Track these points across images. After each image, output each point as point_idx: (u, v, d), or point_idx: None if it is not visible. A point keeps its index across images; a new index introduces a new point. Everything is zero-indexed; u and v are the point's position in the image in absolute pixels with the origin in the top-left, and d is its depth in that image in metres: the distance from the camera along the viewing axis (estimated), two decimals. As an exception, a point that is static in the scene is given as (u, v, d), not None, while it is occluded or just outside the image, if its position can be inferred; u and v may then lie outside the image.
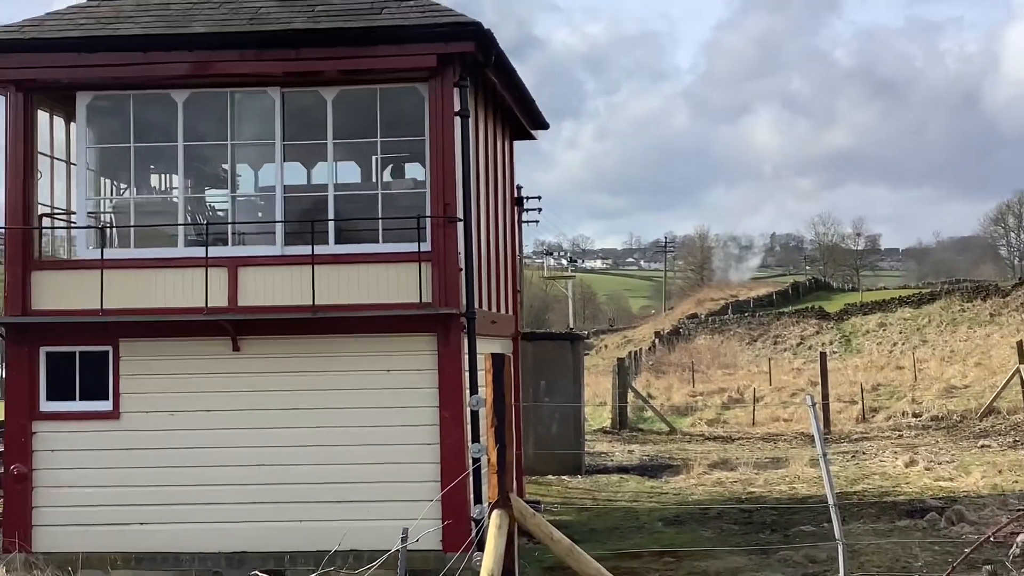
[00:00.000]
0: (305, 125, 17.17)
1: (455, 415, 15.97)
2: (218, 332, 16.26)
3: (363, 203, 17.28)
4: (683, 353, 71.92)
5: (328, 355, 16.34)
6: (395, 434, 16.09)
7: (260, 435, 16.26)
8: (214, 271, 16.31)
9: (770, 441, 36.60)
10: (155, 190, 18.91)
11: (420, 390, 16.13)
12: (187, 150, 17.03)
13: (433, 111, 16.24)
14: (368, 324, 16.15)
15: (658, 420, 42.45)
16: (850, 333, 75.78)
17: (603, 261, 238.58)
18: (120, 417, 16.48)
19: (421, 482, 15.89)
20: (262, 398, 16.32)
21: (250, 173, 19.01)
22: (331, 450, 16.16)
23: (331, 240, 16.52)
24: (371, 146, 17.40)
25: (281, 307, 16.22)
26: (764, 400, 47.70)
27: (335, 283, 16.25)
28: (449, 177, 16.17)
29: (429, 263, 16.06)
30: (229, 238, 17.06)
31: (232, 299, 16.37)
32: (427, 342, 16.16)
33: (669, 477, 27.51)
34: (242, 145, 17.37)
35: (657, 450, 34.19)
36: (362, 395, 16.22)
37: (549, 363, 28.14)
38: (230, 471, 16.24)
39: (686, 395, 51.10)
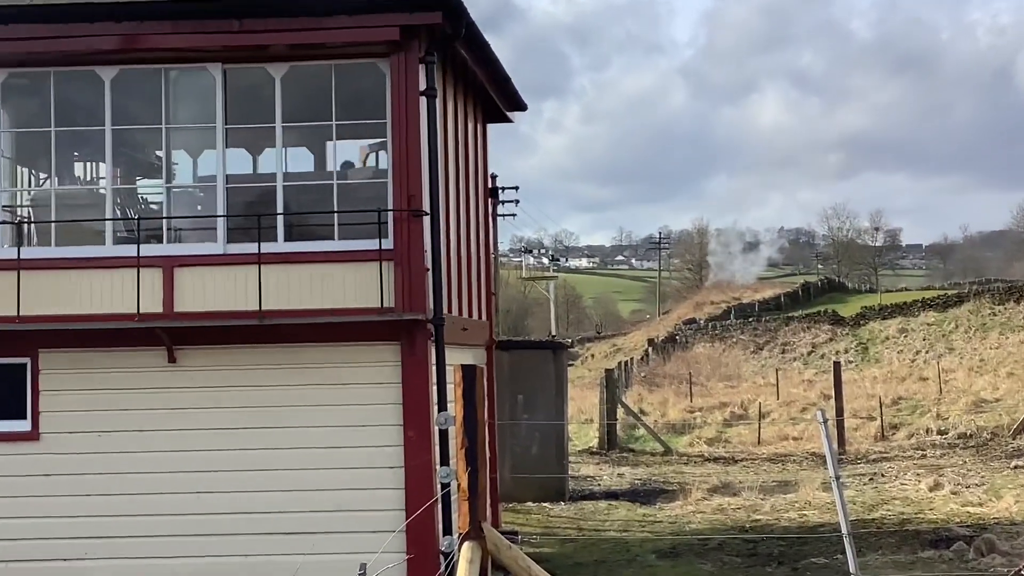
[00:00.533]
0: (250, 106, 17.10)
1: (421, 435, 15.95)
2: (152, 342, 16.19)
3: (316, 195, 17.22)
4: (680, 363, 72.07)
5: (277, 368, 16.28)
6: (353, 457, 16.05)
7: (200, 459, 16.19)
8: (147, 272, 16.24)
9: (777, 462, 36.71)
10: (80, 180, 18.81)
11: (381, 407, 16.08)
12: (116, 135, 16.95)
13: (395, 90, 16.22)
14: (322, 332, 16.10)
15: (651, 439, 42.51)
16: (867, 340, 76.11)
17: (589, 260, 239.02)
18: (40, 439, 16.38)
19: (383, 511, 15.83)
20: (202, 417, 16.25)
21: (188, 161, 18.95)
22: (281, 475, 16.10)
23: (280, 237, 16.47)
24: (325, 130, 17.35)
25: (223, 313, 16.15)
26: (771, 416, 47.85)
27: (285, 286, 16.20)
28: (414, 165, 16.13)
29: (391, 262, 16.03)
30: (164, 235, 16.98)
31: (168, 304, 16.30)
32: (389, 352, 16.12)
33: (664, 503, 27.55)
34: (179, 129, 17.29)
35: (650, 473, 34.24)
36: (316, 413, 16.17)
37: (528, 375, 28.13)
38: (166, 500, 16.15)
39: (683, 411, 51.20)
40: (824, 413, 12.74)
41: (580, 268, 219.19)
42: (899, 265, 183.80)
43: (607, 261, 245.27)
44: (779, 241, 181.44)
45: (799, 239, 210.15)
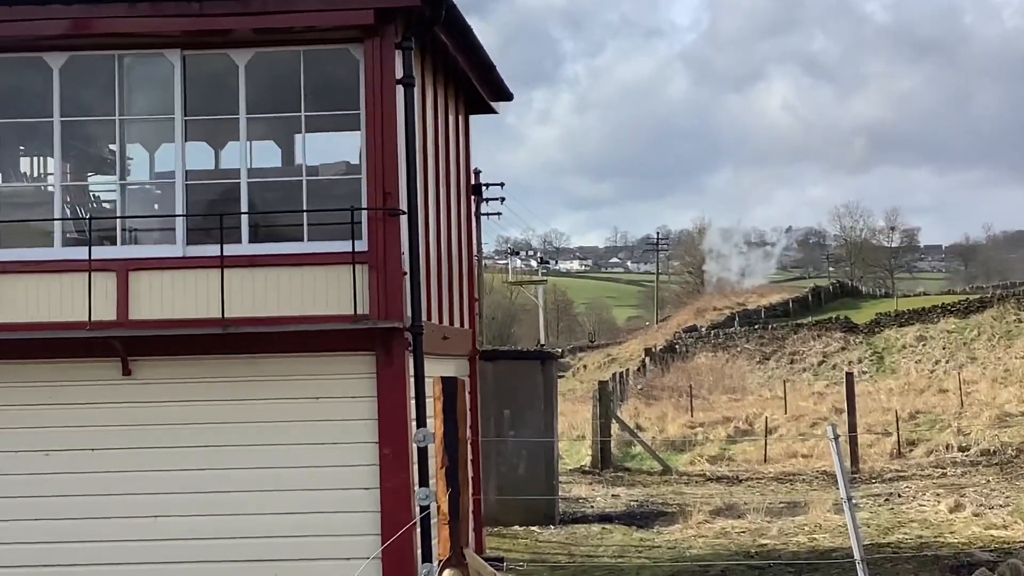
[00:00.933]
0: (212, 96, 17.09)
1: (398, 453, 15.94)
2: (105, 353, 16.17)
3: (284, 192, 17.22)
4: (679, 374, 72.16)
5: (241, 380, 16.27)
6: (324, 477, 16.04)
7: (157, 480, 16.16)
8: (100, 277, 16.22)
9: (785, 482, 36.76)
10: (26, 177, 18.78)
11: (355, 422, 16.09)
12: (65, 127, 16.93)
13: (370, 79, 16.23)
14: (291, 342, 16.10)
15: (649, 457, 42.56)
16: (883, 349, 76.28)
17: (581, 262, 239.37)
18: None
19: (356, 535, 15.83)
20: (159, 434, 16.23)
21: (144, 155, 18.94)
22: (245, 498, 16.08)
23: (244, 238, 16.46)
24: (294, 122, 17.34)
25: (183, 321, 16.14)
26: (778, 432, 47.91)
27: (249, 291, 16.20)
28: (390, 160, 16.15)
29: (366, 266, 16.04)
30: (118, 236, 16.96)
31: (122, 311, 16.28)
32: (364, 363, 16.13)
33: (662, 527, 27.57)
34: (134, 121, 17.28)
35: (648, 494, 34.26)
36: (283, 430, 16.16)
37: (515, 388, 28.14)
38: (120, 525, 16.12)
39: (683, 426, 51.24)
40: (836, 428, 12.77)
41: (571, 271, 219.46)
42: (917, 268, 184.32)
43: (600, 264, 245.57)
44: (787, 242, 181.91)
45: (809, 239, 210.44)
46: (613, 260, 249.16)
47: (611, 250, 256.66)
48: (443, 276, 19.33)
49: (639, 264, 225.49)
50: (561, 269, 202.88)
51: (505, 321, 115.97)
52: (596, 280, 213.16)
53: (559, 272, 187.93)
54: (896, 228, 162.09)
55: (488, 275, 78.08)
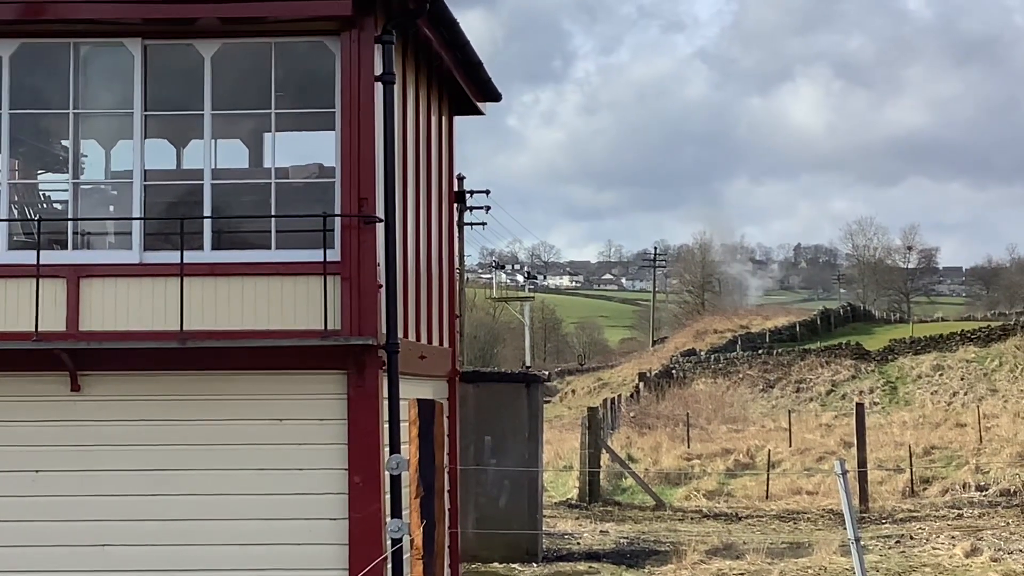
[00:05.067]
0: (175, 90, 17.09)
1: (369, 481, 15.93)
2: (52, 366, 16.13)
3: (251, 196, 17.21)
4: (676, 402, 72.18)
5: (201, 399, 16.25)
6: (289, 506, 16.01)
7: (108, 506, 16.13)
8: (48, 283, 16.20)
9: (789, 520, 36.78)
10: (-30, 174, 18.76)
11: (323, 447, 16.07)
12: (14, 120, 16.90)
13: (346, 75, 16.24)
14: (255, 358, 16.08)
15: (641, 491, 42.56)
16: (896, 379, 76.42)
17: (572, 278, 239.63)
18: (-84, 479, 16.32)
19: (323, 570, 15.82)
20: (111, 456, 16.19)
21: (100, 153, 18.92)
22: (203, 527, 16.06)
23: (207, 245, 16.45)
24: (263, 120, 17.34)
25: (138, 333, 16.12)
26: (782, 466, 47.94)
27: (212, 302, 16.19)
28: (366, 163, 16.15)
29: (338, 277, 16.03)
30: (70, 239, 16.94)
31: (72, 321, 16.25)
32: (333, 383, 16.11)
33: (654, 567, 27.56)
34: (89, 115, 17.26)
35: (639, 531, 34.25)
36: (246, 453, 16.14)
37: (497, 413, 28.12)
38: (66, 553, 16.07)
39: (679, 458, 51.25)
40: (844, 463, 12.80)
41: (561, 287, 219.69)
42: (935, 291, 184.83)
43: (592, 280, 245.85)
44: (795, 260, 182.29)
45: (818, 258, 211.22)
46: (606, 276, 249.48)
47: (604, 265, 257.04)
48: (422, 290, 19.33)
49: (634, 281, 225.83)
50: (550, 285, 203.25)
51: (488, 340, 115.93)
52: (587, 298, 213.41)
53: (547, 288, 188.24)
54: (913, 248, 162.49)
55: (470, 290, 78.13)
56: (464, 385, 25.16)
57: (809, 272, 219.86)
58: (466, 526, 25.87)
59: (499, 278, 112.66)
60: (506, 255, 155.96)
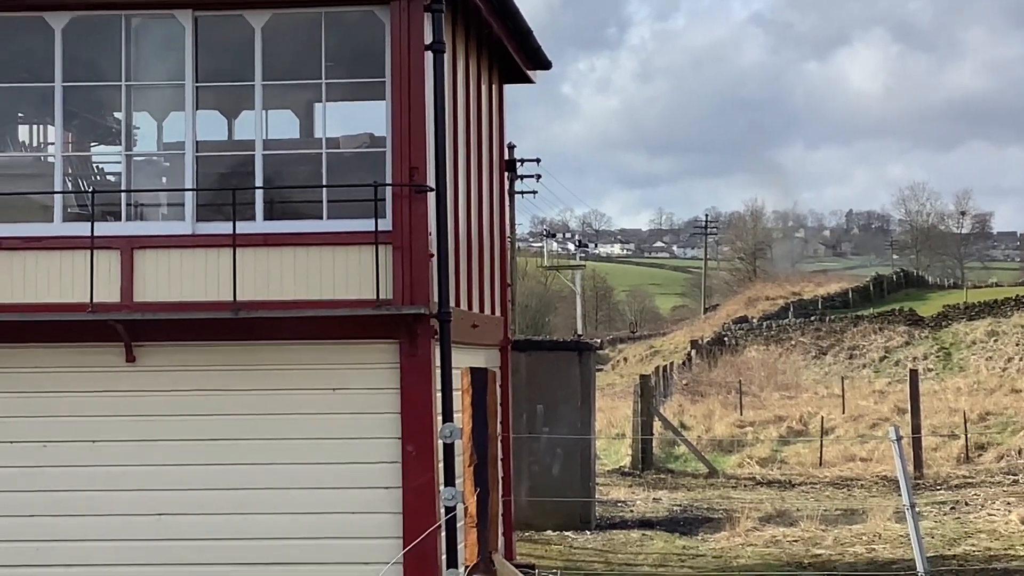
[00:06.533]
0: (225, 61, 17.11)
1: (422, 450, 15.96)
2: (107, 337, 16.23)
3: (302, 166, 17.23)
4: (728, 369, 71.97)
5: (254, 369, 16.32)
6: (342, 475, 16.07)
7: (163, 476, 16.24)
8: (103, 255, 16.27)
9: (842, 487, 36.65)
10: (24, 146, 18.85)
11: (376, 416, 16.11)
12: (68, 93, 16.97)
13: (396, 44, 16.21)
14: (308, 328, 16.12)
15: (694, 458, 42.49)
16: (951, 345, 75.92)
17: (623, 246, 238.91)
18: (-25, 449, 16.45)
19: (376, 539, 15.87)
20: (166, 426, 16.29)
21: (152, 125, 18.98)
22: (257, 496, 16.14)
23: (259, 215, 16.50)
24: (314, 90, 17.35)
25: (192, 304, 16.19)
26: (835, 433, 47.75)
27: (264, 273, 16.23)
28: (417, 132, 16.14)
29: (389, 246, 16.04)
30: (123, 211, 17.02)
31: (126, 293, 16.33)
32: (386, 352, 16.14)
33: (707, 534, 27.53)
34: (141, 87, 17.31)
35: (692, 498, 34.21)
36: (299, 423, 16.20)
37: (549, 381, 28.12)
38: (122, 523, 16.20)
39: (731, 425, 51.13)
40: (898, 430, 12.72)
41: (612, 256, 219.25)
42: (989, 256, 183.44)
43: (644, 248, 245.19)
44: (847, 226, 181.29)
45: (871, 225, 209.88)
46: (657, 244, 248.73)
47: (655, 233, 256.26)
48: (473, 259, 19.32)
49: (685, 249, 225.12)
50: (601, 253, 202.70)
51: (539, 309, 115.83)
52: (639, 266, 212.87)
53: (599, 256, 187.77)
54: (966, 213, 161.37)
55: (521, 259, 78.07)
56: (516, 354, 25.16)
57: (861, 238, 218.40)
58: (519, 494, 25.91)
59: (550, 247, 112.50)
60: (557, 223, 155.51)
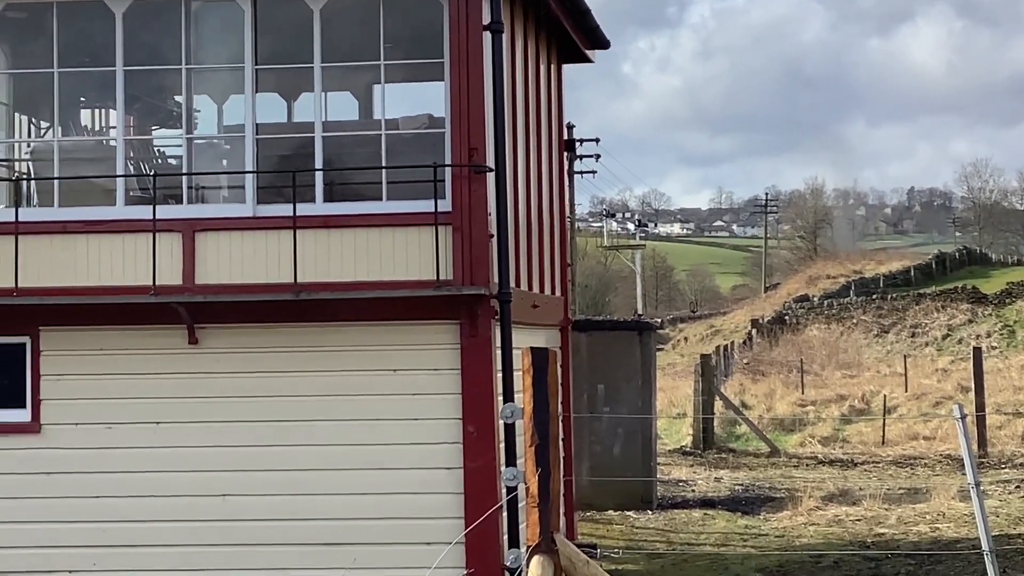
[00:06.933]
0: (285, 44, 17.15)
1: (483, 430, 15.98)
2: (170, 319, 16.32)
3: (362, 147, 17.25)
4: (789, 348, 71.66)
5: (315, 351, 16.36)
6: (404, 456, 16.11)
7: (225, 457, 16.32)
8: (164, 238, 16.36)
9: (905, 466, 36.47)
10: (87, 130, 18.97)
11: (437, 397, 16.13)
12: (129, 77, 17.05)
13: (455, 24, 16.19)
14: (368, 309, 16.15)
15: (755, 438, 42.37)
16: (1014, 322, 75.26)
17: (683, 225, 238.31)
18: (41, 431, 16.59)
19: (438, 519, 15.90)
20: (228, 408, 16.38)
21: (212, 108, 19.06)
22: (319, 477, 16.20)
23: (319, 197, 16.53)
24: (373, 72, 17.36)
25: (253, 286, 16.25)
26: (898, 411, 47.51)
27: (324, 254, 16.26)
28: (476, 112, 16.11)
29: (449, 227, 16.04)
30: (184, 194, 17.10)
31: (188, 275, 16.42)
32: (447, 333, 16.15)
33: (770, 513, 27.45)
34: (201, 71, 17.38)
35: (754, 477, 34.13)
36: (360, 404, 16.24)
37: (610, 361, 28.09)
38: (186, 504, 16.30)
39: (793, 404, 50.96)
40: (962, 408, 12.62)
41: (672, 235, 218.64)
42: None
43: (704, 227, 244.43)
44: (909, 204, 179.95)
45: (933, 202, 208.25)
46: (717, 223, 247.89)
47: (715, 212, 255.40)
48: (533, 239, 19.29)
49: (745, 228, 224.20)
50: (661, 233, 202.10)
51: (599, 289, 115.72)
52: (698, 245, 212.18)
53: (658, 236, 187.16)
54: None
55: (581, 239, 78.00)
56: (577, 334, 25.14)
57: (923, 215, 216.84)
58: (580, 474, 25.91)
59: (610, 227, 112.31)
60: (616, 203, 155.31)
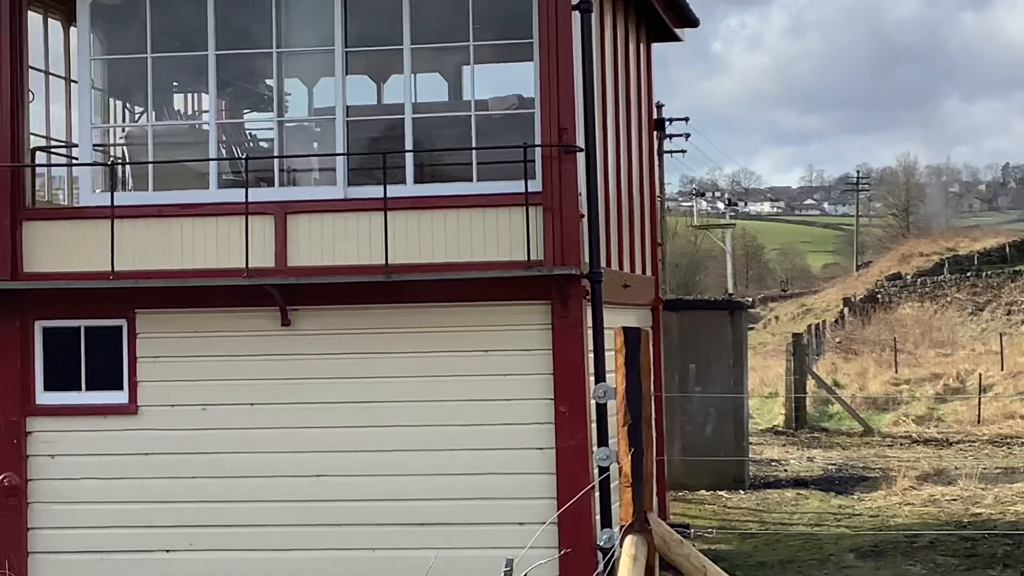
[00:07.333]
0: (374, 26, 17.18)
1: (575, 410, 15.95)
2: (263, 301, 16.42)
3: (451, 129, 17.25)
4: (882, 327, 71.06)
5: (406, 332, 16.41)
6: (495, 436, 16.13)
7: (319, 437, 16.42)
8: (257, 220, 16.46)
9: (1002, 445, 36.09)
10: (180, 115, 19.12)
11: (528, 377, 16.12)
12: (221, 62, 17.16)
13: (544, 4, 16.13)
14: (459, 290, 16.17)
15: (848, 417, 42.09)
16: (1112, 299, 74.22)
17: (773, 204, 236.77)
18: (138, 413, 16.76)
19: (530, 499, 15.91)
20: (321, 388, 16.46)
21: (303, 91, 19.14)
22: (411, 457, 16.25)
23: (409, 179, 16.56)
24: (462, 53, 17.35)
25: (345, 268, 16.32)
26: (994, 390, 47.01)
27: (415, 236, 16.29)
28: (565, 93, 16.07)
29: (540, 207, 16.01)
30: (276, 177, 17.19)
31: (280, 257, 16.50)
32: (538, 313, 16.14)
33: (863, 493, 27.27)
34: (292, 54, 17.46)
35: (847, 457, 33.91)
36: (451, 385, 16.27)
37: (701, 340, 28.00)
38: (281, 484, 16.43)
39: (886, 383, 50.56)
40: (1061, 386, 12.44)
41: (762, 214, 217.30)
42: None
43: (794, 205, 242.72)
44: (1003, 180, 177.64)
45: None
46: (808, 201, 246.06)
47: (805, 191, 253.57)
48: (623, 219, 19.23)
49: (836, 206, 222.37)
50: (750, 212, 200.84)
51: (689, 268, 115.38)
52: (789, 223, 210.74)
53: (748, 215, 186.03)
54: None
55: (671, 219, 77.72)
56: (668, 313, 25.09)
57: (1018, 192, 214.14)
58: (672, 454, 25.87)
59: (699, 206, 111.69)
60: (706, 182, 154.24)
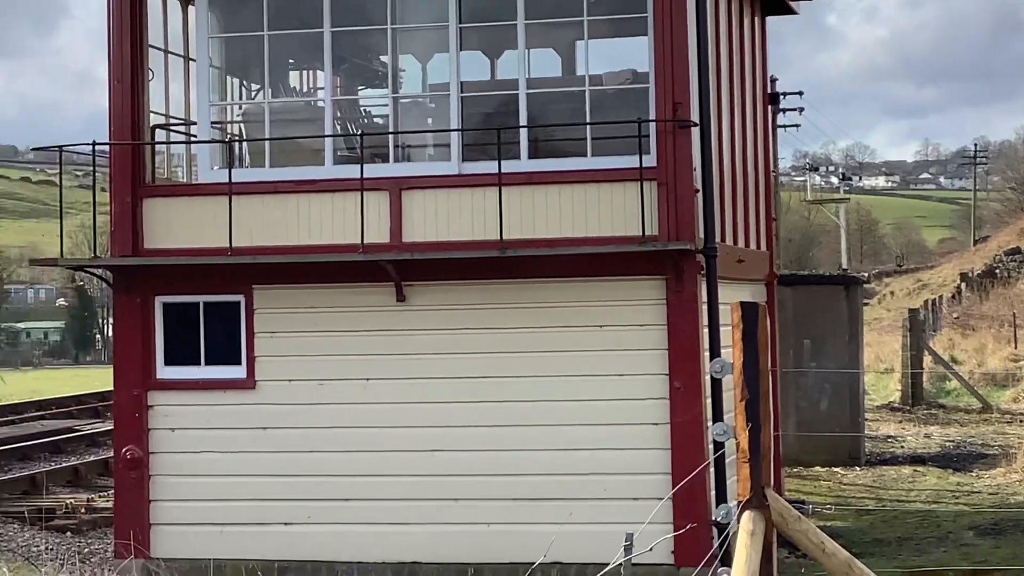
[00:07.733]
0: (488, 2, 17.18)
1: (691, 386, 15.90)
2: (378, 277, 16.51)
3: (565, 104, 17.23)
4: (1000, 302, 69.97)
5: (521, 307, 16.43)
6: (611, 411, 16.11)
7: (434, 412, 16.50)
8: (372, 196, 16.55)
9: (1124, 423, 35.46)
10: (296, 92, 19.26)
11: (643, 353, 16.09)
12: (336, 39, 17.25)
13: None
14: (573, 265, 16.16)
15: (966, 393, 41.55)
16: None
17: (888, 178, 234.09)
18: (256, 387, 16.95)
19: (646, 474, 15.89)
20: (435, 364, 16.53)
21: (417, 67, 19.20)
22: (526, 432, 16.28)
23: (523, 154, 16.56)
24: (575, 28, 17.31)
25: (459, 243, 16.37)
26: (1116, 366, 46.18)
27: (529, 211, 16.30)
28: (680, 68, 15.98)
29: (654, 182, 15.95)
30: (391, 152, 17.27)
31: (395, 233, 16.59)
32: (652, 289, 16.09)
33: (982, 470, 26.94)
34: (406, 31, 17.51)
35: (965, 434, 33.48)
36: (566, 360, 16.27)
37: (816, 316, 27.79)
38: (397, 458, 16.53)
39: (1005, 359, 49.83)
40: None
41: (877, 188, 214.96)
42: None
43: (909, 180, 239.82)
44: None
45: None
46: (923, 175, 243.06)
47: (921, 165, 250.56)
48: (738, 194, 19.10)
49: (953, 180, 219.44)
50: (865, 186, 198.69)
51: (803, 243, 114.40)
52: (904, 198, 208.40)
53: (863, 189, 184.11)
54: None
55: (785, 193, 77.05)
56: (782, 288, 24.91)
57: None
58: (787, 430, 25.71)
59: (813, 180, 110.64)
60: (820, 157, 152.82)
